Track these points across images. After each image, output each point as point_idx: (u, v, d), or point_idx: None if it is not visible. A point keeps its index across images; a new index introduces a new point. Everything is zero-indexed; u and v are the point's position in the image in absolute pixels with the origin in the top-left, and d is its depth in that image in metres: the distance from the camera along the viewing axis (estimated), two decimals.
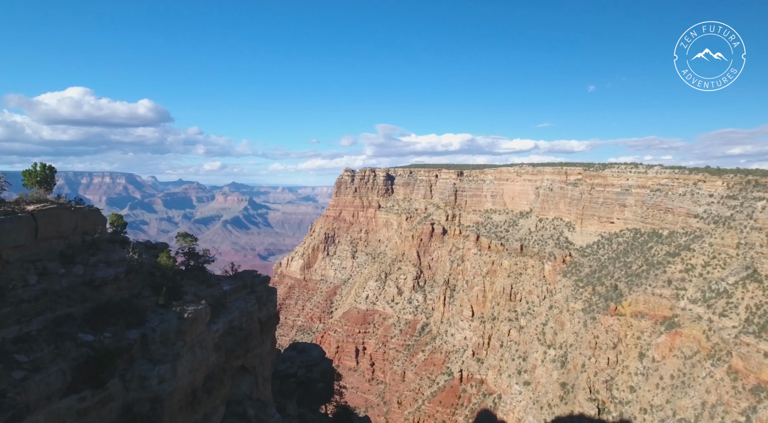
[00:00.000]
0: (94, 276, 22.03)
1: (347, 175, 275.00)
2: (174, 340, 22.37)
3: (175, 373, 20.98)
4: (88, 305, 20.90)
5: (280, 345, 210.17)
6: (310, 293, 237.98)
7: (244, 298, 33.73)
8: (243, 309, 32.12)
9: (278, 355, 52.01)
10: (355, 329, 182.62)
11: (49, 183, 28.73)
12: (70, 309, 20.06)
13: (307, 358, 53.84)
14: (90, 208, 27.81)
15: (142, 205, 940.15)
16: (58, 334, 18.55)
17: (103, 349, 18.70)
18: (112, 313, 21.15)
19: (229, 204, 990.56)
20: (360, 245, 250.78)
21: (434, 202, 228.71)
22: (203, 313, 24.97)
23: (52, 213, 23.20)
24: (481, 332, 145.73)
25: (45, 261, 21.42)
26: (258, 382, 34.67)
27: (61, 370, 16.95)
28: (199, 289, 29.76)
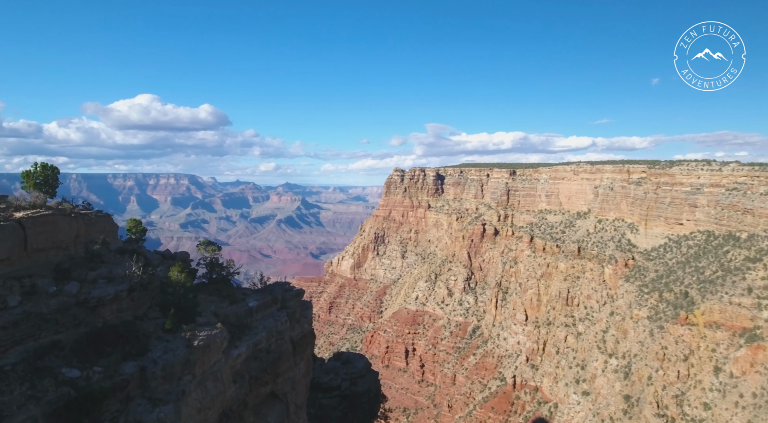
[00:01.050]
0: (90, 295, 18.72)
1: (397, 175, 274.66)
2: (180, 374, 19.03)
3: (179, 415, 17.57)
4: (80, 331, 17.73)
5: (331, 343, 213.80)
6: (360, 292, 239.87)
7: (274, 315, 30.08)
8: (272, 328, 28.39)
9: (321, 365, 48.34)
10: (404, 330, 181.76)
11: (51, 185, 26.15)
12: (58, 336, 16.96)
13: (352, 369, 49.86)
14: (98, 214, 25.28)
15: (203, 204, 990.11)
16: (37, 368, 15.36)
17: (88, 389, 15.29)
18: (108, 340, 17.93)
19: (282, 203, 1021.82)
20: (410, 245, 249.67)
21: (485, 202, 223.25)
22: (219, 339, 21.58)
23: (46, 220, 20.28)
24: (535, 337, 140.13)
25: (36, 277, 18.51)
26: (289, 410, 30.58)
27: (31, 417, 13.57)
28: (220, 307, 26.69)
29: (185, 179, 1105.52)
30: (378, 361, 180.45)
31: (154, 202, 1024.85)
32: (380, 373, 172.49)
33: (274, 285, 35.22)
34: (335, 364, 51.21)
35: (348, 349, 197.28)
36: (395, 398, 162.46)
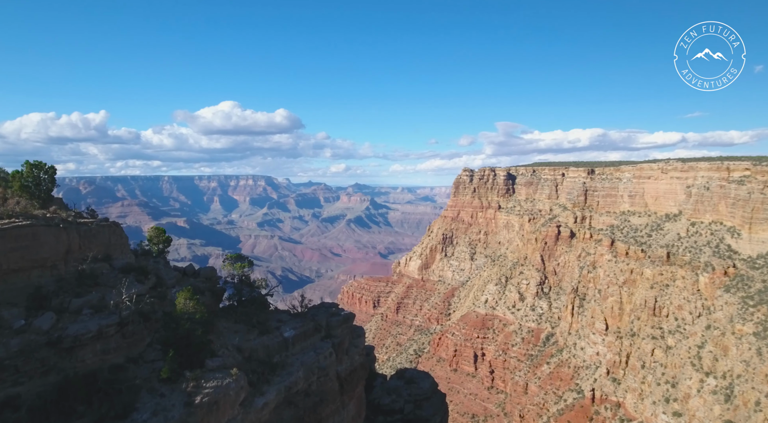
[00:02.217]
0: (65, 333, 14.35)
1: (466, 175, 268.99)
2: None
3: None
4: (49, 381, 13.38)
5: (399, 343, 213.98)
6: (427, 293, 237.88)
7: (316, 346, 25.31)
8: (312, 364, 23.54)
9: (382, 383, 44.08)
10: (473, 334, 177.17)
11: (44, 188, 22.72)
12: (17, 388, 12.72)
13: (416, 390, 44.84)
14: (101, 224, 21.43)
15: (278, 204, 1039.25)
16: None
17: None
18: (83, 395, 13.43)
19: (352, 204, 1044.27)
20: (479, 247, 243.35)
21: (560, 203, 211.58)
22: (232, 391, 16.60)
23: (22, 233, 16.11)
24: (617, 349, 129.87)
25: (2, 307, 14.63)
26: None
27: None
28: (247, 339, 22.04)
29: (262, 180, 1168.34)
30: (445, 365, 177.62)
31: (235, 202, 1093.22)
32: (448, 376, 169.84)
33: (318, 308, 30.45)
34: (398, 384, 45.77)
35: (415, 350, 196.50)
36: (463, 403, 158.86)
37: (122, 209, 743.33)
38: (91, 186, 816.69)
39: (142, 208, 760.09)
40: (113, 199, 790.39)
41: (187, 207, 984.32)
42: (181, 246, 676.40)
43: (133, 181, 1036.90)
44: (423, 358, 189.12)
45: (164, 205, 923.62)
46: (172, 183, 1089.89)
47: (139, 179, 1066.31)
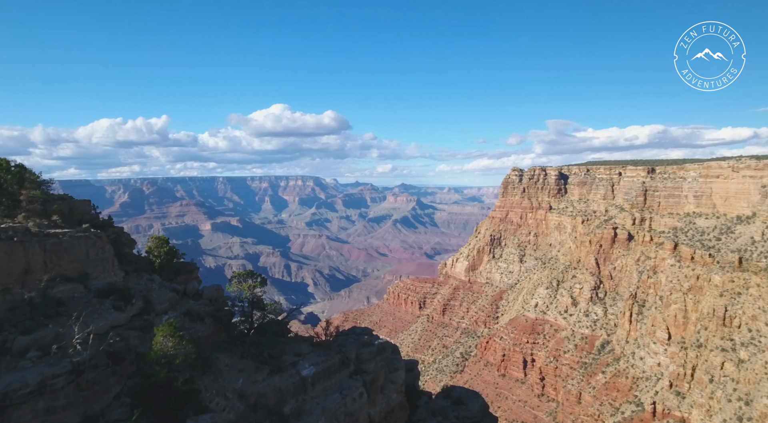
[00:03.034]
0: None
1: (515, 175, 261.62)
2: None
3: None
4: None
5: (445, 345, 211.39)
6: (474, 296, 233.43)
7: (342, 386, 20.88)
8: (336, 409, 19.26)
9: (426, 403, 39.21)
10: (522, 338, 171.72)
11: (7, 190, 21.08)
12: None
13: (465, 412, 40.53)
14: (76, 235, 18.09)
15: (325, 204, 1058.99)
16: None
17: None
18: None
19: (398, 204, 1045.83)
20: (528, 249, 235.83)
21: (617, 204, 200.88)
22: None
23: None
24: (681, 360, 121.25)
25: None
26: None
27: None
28: (254, 380, 18.16)
29: (310, 181, 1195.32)
30: (493, 369, 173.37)
31: (284, 202, 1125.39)
32: (496, 382, 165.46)
33: (347, 336, 25.47)
34: (444, 404, 41.83)
35: (462, 353, 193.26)
36: (512, 410, 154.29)
37: (181, 209, 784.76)
38: (153, 187, 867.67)
39: (198, 208, 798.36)
40: (173, 199, 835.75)
41: (239, 206, 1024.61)
42: (234, 244, 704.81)
43: (191, 181, 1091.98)
44: (470, 361, 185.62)
45: (219, 204, 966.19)
46: (226, 183, 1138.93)
47: (196, 180, 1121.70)
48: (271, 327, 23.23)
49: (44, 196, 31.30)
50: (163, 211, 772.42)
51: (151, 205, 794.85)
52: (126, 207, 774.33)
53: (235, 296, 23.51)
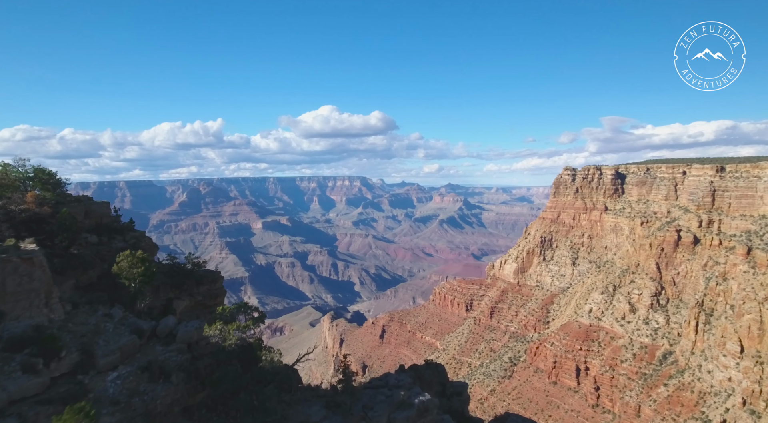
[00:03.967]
0: None
1: (567, 174, 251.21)
2: None
3: None
4: None
5: (492, 349, 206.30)
6: (524, 299, 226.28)
7: None
8: None
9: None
10: (575, 345, 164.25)
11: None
12: None
13: None
14: None
15: (372, 204, 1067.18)
16: None
17: None
18: None
19: (445, 204, 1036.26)
20: (581, 251, 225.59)
21: (680, 205, 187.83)
22: None
23: None
24: (756, 376, 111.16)
25: None
26: None
27: None
28: None
29: (357, 181, 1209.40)
30: (543, 376, 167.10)
31: (332, 202, 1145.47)
32: (546, 389, 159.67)
33: (376, 390, 19.00)
34: None
35: (510, 358, 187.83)
36: (564, 420, 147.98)
37: (234, 208, 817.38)
38: (209, 187, 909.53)
39: (251, 207, 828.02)
40: (227, 199, 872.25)
41: (289, 206, 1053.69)
42: (283, 243, 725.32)
43: (244, 182, 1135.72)
44: (519, 367, 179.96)
45: (270, 204, 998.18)
46: (276, 184, 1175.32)
47: (248, 180, 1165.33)
48: (269, 377, 17.53)
49: (57, 197, 30.04)
50: (217, 210, 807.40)
51: (207, 204, 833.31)
52: (184, 206, 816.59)
53: (221, 338, 17.56)
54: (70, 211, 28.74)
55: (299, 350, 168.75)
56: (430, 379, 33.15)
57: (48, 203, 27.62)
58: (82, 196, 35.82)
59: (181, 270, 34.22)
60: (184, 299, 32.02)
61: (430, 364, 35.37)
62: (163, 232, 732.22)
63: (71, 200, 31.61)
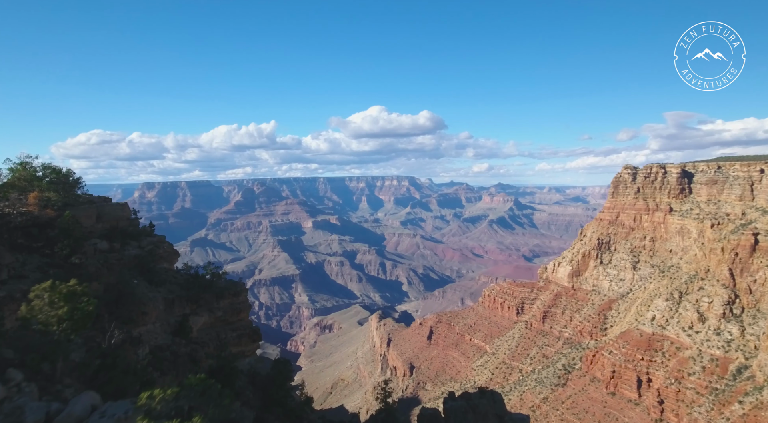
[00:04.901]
0: None
1: (627, 173, 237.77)
2: None
3: None
4: None
5: (545, 355, 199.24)
6: (579, 304, 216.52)
7: None
8: None
9: None
10: (636, 355, 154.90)
11: None
12: None
13: None
14: None
15: (420, 204, 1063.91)
16: None
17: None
18: None
19: (495, 204, 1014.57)
20: (643, 255, 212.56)
21: (758, 206, 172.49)
22: None
23: None
24: None
25: None
26: None
27: None
28: None
29: (405, 181, 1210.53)
30: (600, 386, 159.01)
31: (380, 202, 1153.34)
32: (604, 400, 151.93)
33: None
34: None
35: (564, 365, 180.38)
36: None
37: (286, 207, 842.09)
38: (262, 187, 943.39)
39: (301, 207, 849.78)
40: (279, 198, 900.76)
41: (338, 206, 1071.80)
42: (333, 241, 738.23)
43: (295, 182, 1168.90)
44: (573, 375, 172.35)
45: (320, 203, 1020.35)
46: (326, 184, 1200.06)
47: (299, 180, 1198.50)
48: None
49: (67, 199, 27.57)
50: (270, 209, 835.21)
51: (260, 203, 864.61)
52: (239, 205, 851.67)
53: None
54: (80, 214, 26.61)
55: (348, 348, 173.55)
56: (485, 410, 29.25)
57: (53, 205, 25.33)
58: (98, 197, 33.53)
59: (198, 281, 31.16)
60: (202, 315, 29.47)
61: (485, 392, 30.70)
62: (220, 230, 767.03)
63: (83, 202, 29.24)
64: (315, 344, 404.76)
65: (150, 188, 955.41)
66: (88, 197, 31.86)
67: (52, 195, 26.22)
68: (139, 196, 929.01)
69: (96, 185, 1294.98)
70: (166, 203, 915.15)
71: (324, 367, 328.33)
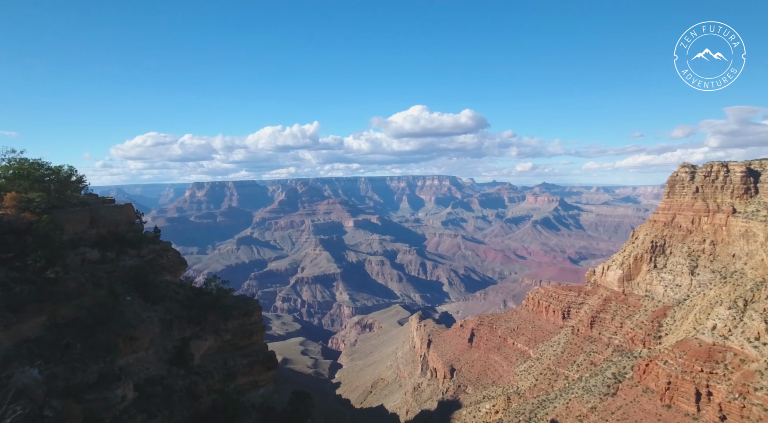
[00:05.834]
0: None
1: (685, 172, 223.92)
2: None
3: None
4: None
5: (593, 362, 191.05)
6: (630, 310, 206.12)
7: None
8: None
9: None
10: (695, 366, 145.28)
11: None
12: None
13: None
14: None
15: (461, 204, 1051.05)
16: None
17: None
18: None
19: (539, 204, 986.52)
20: (702, 259, 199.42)
21: None
22: None
23: None
24: None
25: None
26: None
27: None
28: None
29: (447, 180, 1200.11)
30: (655, 398, 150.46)
31: (421, 202, 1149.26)
32: (658, 412, 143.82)
33: None
34: None
35: (614, 373, 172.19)
36: None
37: (328, 207, 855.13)
38: (305, 187, 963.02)
39: (343, 206, 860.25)
40: (321, 198, 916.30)
41: (379, 205, 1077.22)
42: (373, 241, 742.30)
43: (337, 182, 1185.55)
44: (624, 384, 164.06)
45: (361, 203, 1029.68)
46: (367, 183, 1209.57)
47: (341, 180, 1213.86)
48: None
49: (56, 200, 24.09)
50: (312, 208, 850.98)
51: (303, 203, 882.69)
52: (283, 205, 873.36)
53: None
54: (69, 218, 23.19)
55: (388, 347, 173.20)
56: None
57: (35, 208, 21.99)
58: (97, 196, 29.50)
59: (202, 298, 26.96)
60: (206, 338, 25.45)
61: None
62: (265, 228, 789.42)
63: (76, 204, 25.44)
64: (355, 343, 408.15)
65: (200, 188, 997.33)
66: (84, 198, 27.76)
67: (35, 196, 22.87)
68: (190, 195, 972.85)
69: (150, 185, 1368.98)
70: (215, 202, 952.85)
71: (364, 365, 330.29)
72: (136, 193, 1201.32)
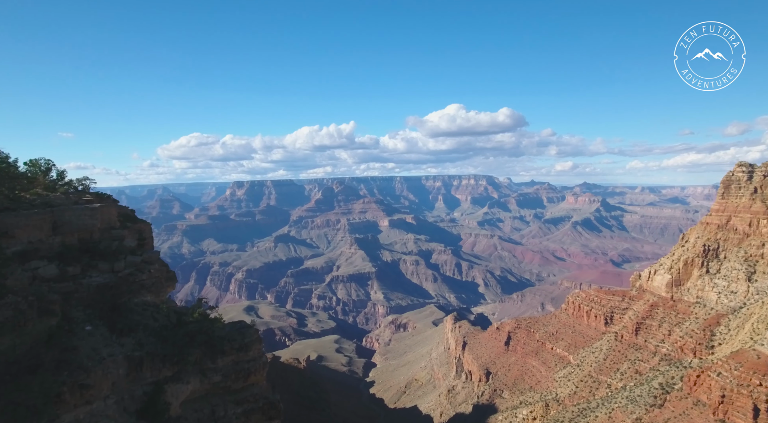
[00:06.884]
0: None
1: (741, 171, 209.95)
2: None
3: None
4: None
5: (638, 371, 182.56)
6: (679, 317, 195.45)
7: None
8: None
9: None
10: (752, 379, 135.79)
11: None
12: None
13: None
14: None
15: (498, 204, 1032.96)
16: None
17: None
18: None
19: (579, 205, 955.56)
20: (761, 265, 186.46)
21: None
22: None
23: None
24: None
25: None
26: None
27: None
28: None
29: (483, 180, 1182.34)
30: (707, 411, 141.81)
31: (457, 201, 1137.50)
32: None
33: None
34: None
35: (661, 383, 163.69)
36: None
37: (363, 206, 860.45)
38: (341, 186, 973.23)
39: (378, 205, 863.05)
40: (357, 197, 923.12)
41: (414, 205, 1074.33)
42: (408, 240, 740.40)
43: (372, 181, 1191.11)
44: (673, 396, 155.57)
45: (396, 202, 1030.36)
46: (402, 183, 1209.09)
47: (376, 180, 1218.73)
48: None
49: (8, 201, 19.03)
50: (348, 207, 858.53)
51: (339, 202, 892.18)
52: (319, 203, 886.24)
53: None
54: (21, 223, 18.06)
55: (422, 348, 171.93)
56: None
57: None
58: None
59: (184, 327, 20.71)
60: (189, 381, 19.73)
61: None
62: (301, 227, 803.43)
63: (37, 204, 20.11)
64: (390, 342, 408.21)
65: (240, 187, 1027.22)
66: (50, 199, 21.69)
67: None
68: (230, 194, 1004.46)
69: (193, 184, 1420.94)
70: (254, 201, 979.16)
71: (398, 365, 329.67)
72: (180, 191, 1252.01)
